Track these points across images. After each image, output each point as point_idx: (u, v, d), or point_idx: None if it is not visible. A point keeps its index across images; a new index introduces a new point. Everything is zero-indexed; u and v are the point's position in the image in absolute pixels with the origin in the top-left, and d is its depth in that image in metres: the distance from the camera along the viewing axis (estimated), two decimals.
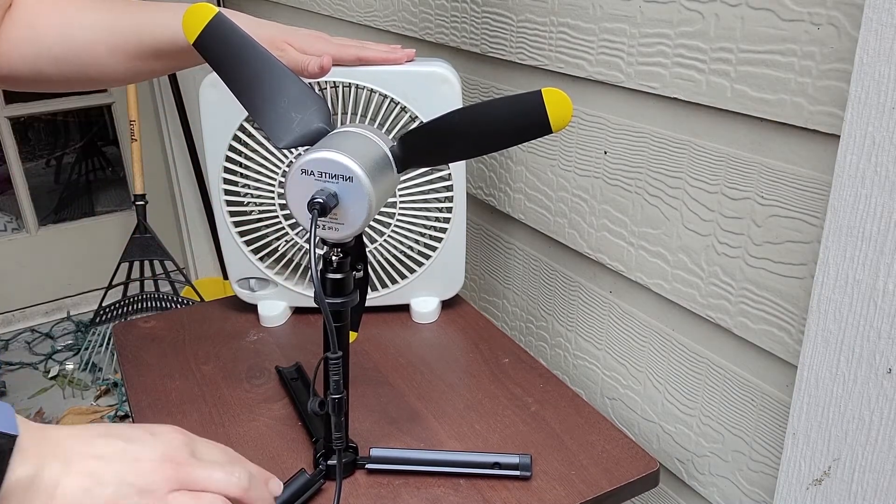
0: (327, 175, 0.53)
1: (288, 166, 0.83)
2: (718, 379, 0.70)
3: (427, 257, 0.89)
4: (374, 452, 0.67)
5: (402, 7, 1.07)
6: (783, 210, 0.60)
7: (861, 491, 0.55)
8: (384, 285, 0.90)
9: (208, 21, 0.56)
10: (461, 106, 0.82)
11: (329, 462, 0.65)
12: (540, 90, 0.54)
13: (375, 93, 0.80)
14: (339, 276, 0.59)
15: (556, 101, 0.53)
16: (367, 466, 0.66)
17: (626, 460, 0.68)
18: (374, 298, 0.91)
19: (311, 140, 0.57)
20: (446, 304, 0.93)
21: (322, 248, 0.59)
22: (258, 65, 0.57)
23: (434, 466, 0.66)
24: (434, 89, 0.80)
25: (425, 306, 0.91)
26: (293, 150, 0.82)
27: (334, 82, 0.81)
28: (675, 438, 0.77)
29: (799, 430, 0.59)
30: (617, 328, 0.82)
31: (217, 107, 0.81)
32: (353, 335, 0.66)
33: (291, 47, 0.74)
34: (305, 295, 0.90)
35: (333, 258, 0.59)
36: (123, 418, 1.91)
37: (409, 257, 0.89)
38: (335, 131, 0.58)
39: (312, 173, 0.53)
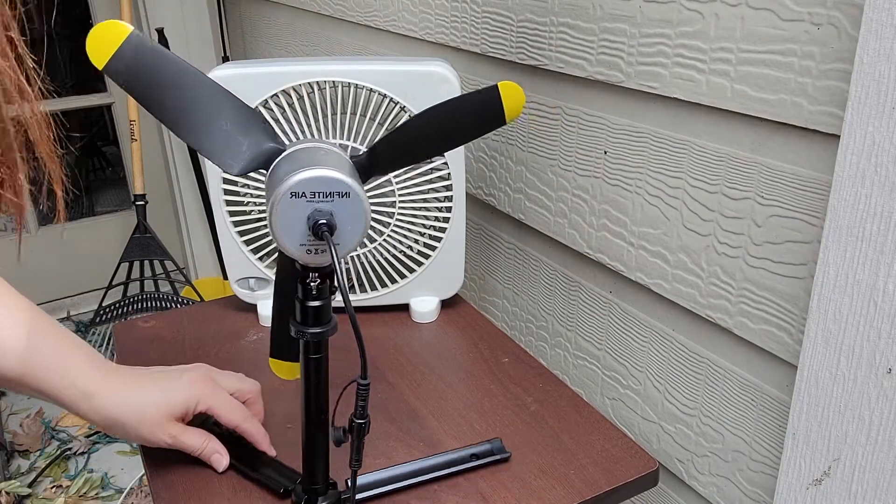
0: (321, 195, 0.49)
1: None
2: (718, 379, 0.70)
3: (427, 257, 0.89)
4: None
5: (402, 7, 1.07)
6: (783, 210, 0.60)
7: (861, 491, 0.55)
8: (384, 285, 0.90)
9: (121, 42, 0.48)
10: None
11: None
12: (496, 84, 0.55)
13: (375, 92, 0.81)
14: (320, 302, 0.54)
15: (510, 93, 0.54)
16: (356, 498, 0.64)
17: (625, 460, 0.68)
18: (373, 298, 0.91)
19: (265, 162, 0.53)
20: (446, 304, 0.93)
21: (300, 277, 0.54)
22: (190, 87, 0.50)
23: (416, 478, 0.65)
24: (434, 89, 0.80)
25: (425, 306, 0.91)
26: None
27: (334, 82, 0.81)
28: (675, 438, 0.77)
29: (799, 430, 0.59)
30: (617, 328, 0.82)
31: None
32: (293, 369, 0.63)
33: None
34: None
35: (312, 284, 0.53)
36: None
37: (408, 257, 0.89)
38: (291, 150, 0.54)
39: (304, 195, 0.49)
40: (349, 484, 0.63)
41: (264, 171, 0.54)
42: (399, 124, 0.56)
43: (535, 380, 0.80)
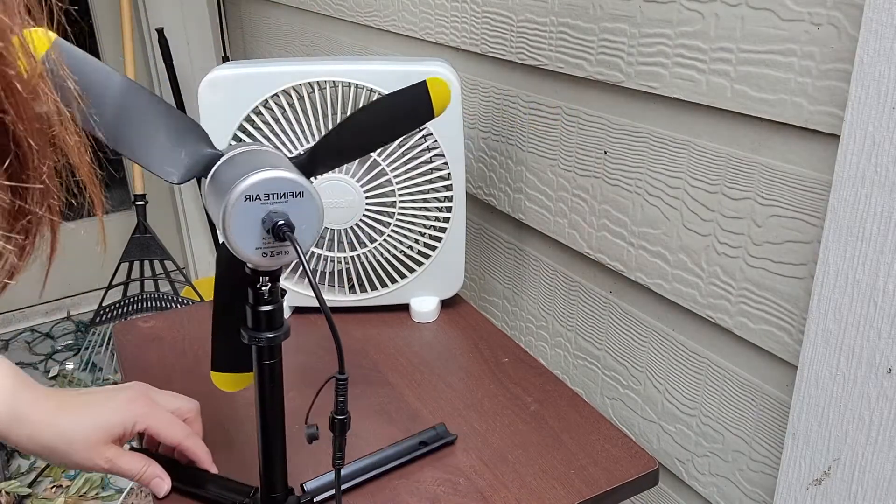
0: (275, 196, 0.48)
1: None
2: (718, 379, 0.70)
3: (427, 257, 0.89)
4: (309, 485, 0.64)
5: (402, 7, 1.07)
6: (783, 210, 0.60)
7: (861, 491, 0.55)
8: (384, 285, 0.90)
9: (46, 50, 0.46)
10: (459, 106, 0.82)
11: None
12: (425, 80, 0.58)
13: (375, 93, 0.81)
14: (272, 307, 0.53)
15: (438, 89, 0.57)
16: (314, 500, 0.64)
17: (625, 460, 0.68)
18: (373, 298, 0.91)
19: (205, 168, 0.52)
20: (446, 304, 0.93)
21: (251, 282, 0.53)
22: (122, 96, 0.49)
23: (369, 473, 0.65)
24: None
25: (425, 306, 0.91)
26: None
27: (334, 82, 0.81)
28: (675, 438, 0.77)
29: (799, 430, 0.59)
30: (617, 328, 0.82)
31: (216, 107, 0.81)
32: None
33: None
34: (305, 295, 0.90)
35: (263, 289, 0.52)
36: None
37: (408, 257, 0.89)
38: (230, 154, 0.53)
39: (258, 197, 0.48)
40: (306, 488, 0.63)
41: (204, 178, 0.53)
42: (338, 123, 0.57)
43: (536, 380, 0.80)
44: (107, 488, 1.74)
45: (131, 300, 2.07)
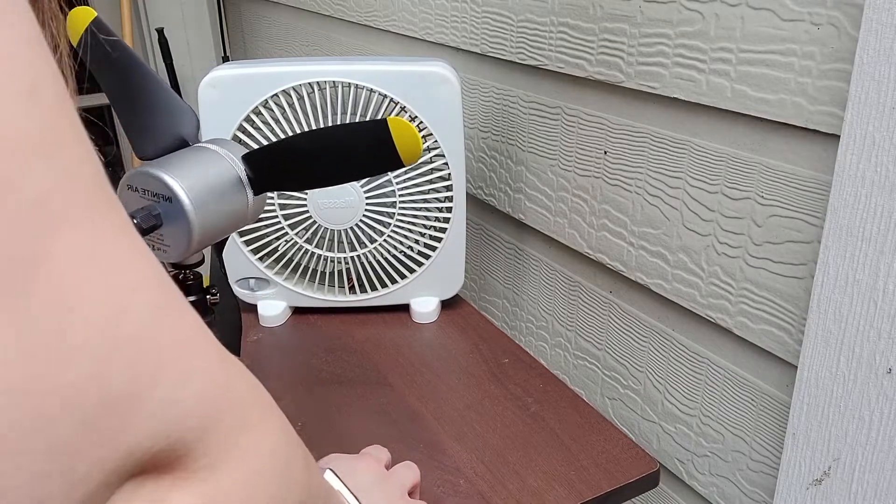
0: (150, 193, 0.49)
1: None
2: (718, 379, 0.70)
3: (427, 257, 0.89)
4: None
5: (402, 7, 1.07)
6: (783, 210, 0.60)
7: (861, 491, 0.55)
8: (384, 285, 0.90)
9: (88, 24, 0.52)
10: (459, 106, 0.82)
11: None
12: (385, 119, 0.52)
13: (375, 93, 0.80)
14: (189, 299, 0.51)
15: (403, 132, 0.51)
16: None
17: (626, 460, 0.68)
18: (373, 298, 0.91)
19: (168, 151, 0.53)
20: (446, 304, 0.93)
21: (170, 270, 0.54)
22: (129, 71, 0.52)
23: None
24: (434, 89, 0.80)
25: (425, 306, 0.91)
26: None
27: (334, 82, 0.81)
28: (675, 438, 0.77)
29: (799, 430, 0.59)
30: (617, 328, 0.82)
31: (216, 107, 0.81)
32: None
33: None
34: (305, 295, 0.90)
35: (180, 276, 0.53)
36: None
37: (408, 257, 0.89)
38: (193, 146, 0.54)
39: (137, 189, 0.49)
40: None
41: None
42: (272, 143, 0.56)
43: (536, 380, 0.80)
44: None
45: None
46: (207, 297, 0.56)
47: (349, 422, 0.73)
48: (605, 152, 0.77)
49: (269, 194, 0.72)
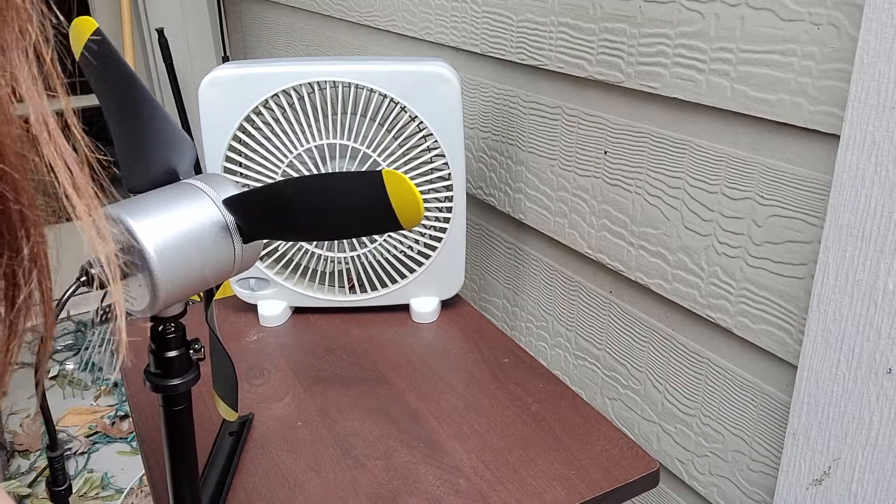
0: (114, 238, 0.44)
1: (288, 166, 0.83)
2: (718, 379, 0.70)
3: (427, 257, 0.89)
4: None
5: (402, 7, 1.07)
6: (783, 210, 0.60)
7: (861, 491, 0.55)
8: (384, 285, 0.90)
9: (89, 35, 0.44)
10: (459, 106, 0.82)
11: None
12: (381, 171, 0.45)
13: (375, 93, 0.80)
14: (169, 353, 0.50)
15: (398, 188, 0.43)
16: None
17: (625, 460, 0.68)
18: (373, 298, 0.91)
19: (155, 185, 0.48)
20: (446, 304, 0.93)
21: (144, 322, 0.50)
22: (129, 92, 0.47)
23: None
24: (434, 89, 0.80)
25: (425, 306, 0.91)
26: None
27: (334, 82, 0.81)
28: (675, 438, 0.77)
29: (799, 430, 0.59)
30: (617, 328, 0.82)
31: (217, 107, 0.81)
32: (232, 414, 0.58)
33: None
34: (306, 295, 0.90)
35: (160, 328, 0.49)
36: (124, 418, 1.91)
37: (408, 257, 0.89)
38: (177, 183, 0.48)
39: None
40: None
41: None
42: (264, 185, 0.51)
43: (536, 380, 0.80)
44: (107, 488, 1.74)
45: None
46: (190, 351, 0.53)
47: (349, 421, 0.73)
48: (605, 152, 0.77)
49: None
